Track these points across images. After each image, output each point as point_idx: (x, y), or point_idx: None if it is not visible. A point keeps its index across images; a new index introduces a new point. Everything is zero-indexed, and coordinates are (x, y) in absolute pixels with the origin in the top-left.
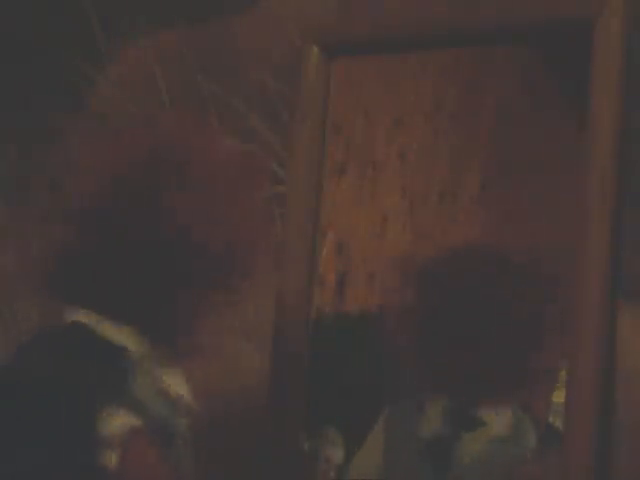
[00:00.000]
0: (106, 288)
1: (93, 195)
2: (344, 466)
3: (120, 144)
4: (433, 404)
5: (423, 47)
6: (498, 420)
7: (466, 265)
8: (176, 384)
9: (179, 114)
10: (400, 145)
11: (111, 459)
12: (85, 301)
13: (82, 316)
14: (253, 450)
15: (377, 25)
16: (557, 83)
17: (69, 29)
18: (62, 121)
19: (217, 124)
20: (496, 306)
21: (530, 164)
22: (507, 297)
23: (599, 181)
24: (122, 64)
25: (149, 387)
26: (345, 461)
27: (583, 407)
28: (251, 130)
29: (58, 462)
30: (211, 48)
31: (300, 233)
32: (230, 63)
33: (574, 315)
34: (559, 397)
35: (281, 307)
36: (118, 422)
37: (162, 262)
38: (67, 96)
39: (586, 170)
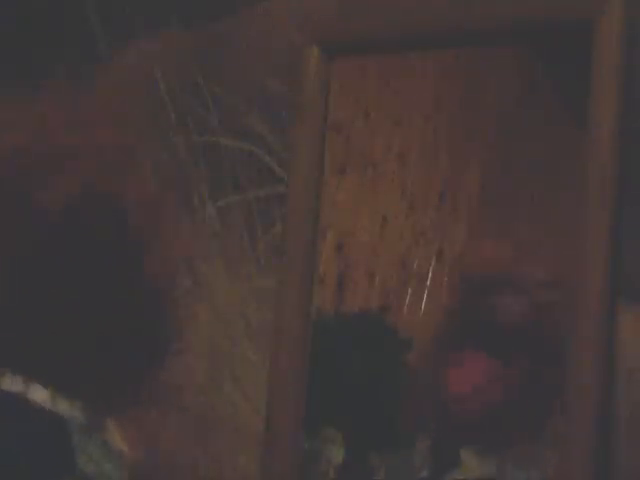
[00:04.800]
0: (36, 349)
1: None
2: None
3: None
4: (421, 443)
5: (423, 47)
6: (478, 463)
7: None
8: (116, 441)
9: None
10: (400, 145)
11: None
12: (16, 365)
13: (11, 382)
14: None
15: (377, 25)
16: (557, 83)
17: (69, 29)
18: None
19: (217, 124)
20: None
21: (530, 164)
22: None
23: (599, 181)
24: (122, 64)
25: (92, 451)
26: (345, 461)
27: (583, 407)
28: (251, 130)
29: None
30: (211, 48)
31: (300, 233)
32: (230, 63)
33: (574, 316)
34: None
35: (281, 307)
36: None
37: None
38: None
39: (586, 170)
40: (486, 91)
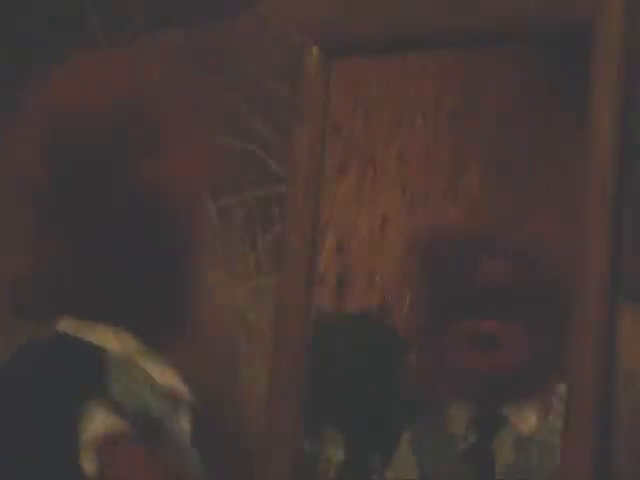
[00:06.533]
0: (85, 290)
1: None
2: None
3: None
4: (457, 410)
5: (423, 47)
6: (524, 419)
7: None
8: (168, 378)
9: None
10: (400, 145)
11: (94, 464)
12: (65, 307)
13: (64, 324)
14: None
15: (377, 25)
16: (557, 83)
17: (69, 29)
18: None
19: (217, 124)
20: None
21: (530, 164)
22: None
23: (599, 181)
24: None
25: (134, 385)
26: (345, 461)
27: (583, 407)
28: (251, 130)
29: (38, 469)
30: (211, 48)
31: (300, 233)
32: (230, 63)
33: (574, 315)
34: None
35: (281, 307)
36: (98, 424)
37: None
38: None
39: (586, 170)
40: (486, 91)
